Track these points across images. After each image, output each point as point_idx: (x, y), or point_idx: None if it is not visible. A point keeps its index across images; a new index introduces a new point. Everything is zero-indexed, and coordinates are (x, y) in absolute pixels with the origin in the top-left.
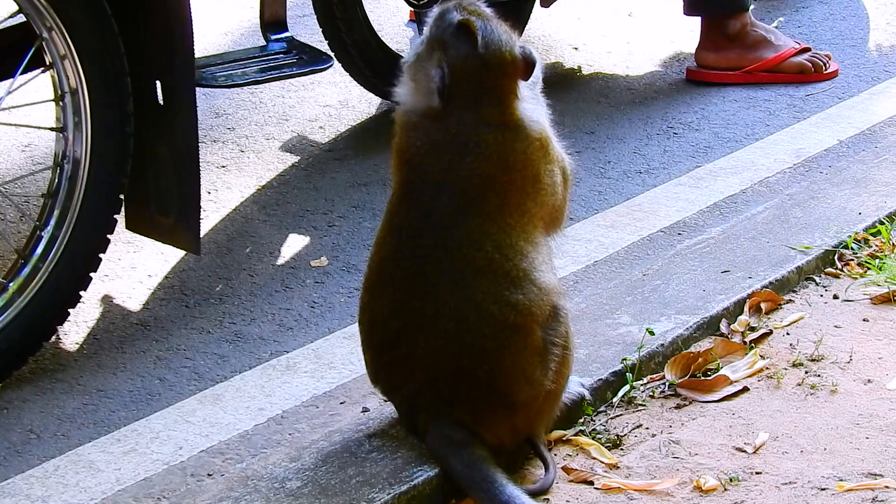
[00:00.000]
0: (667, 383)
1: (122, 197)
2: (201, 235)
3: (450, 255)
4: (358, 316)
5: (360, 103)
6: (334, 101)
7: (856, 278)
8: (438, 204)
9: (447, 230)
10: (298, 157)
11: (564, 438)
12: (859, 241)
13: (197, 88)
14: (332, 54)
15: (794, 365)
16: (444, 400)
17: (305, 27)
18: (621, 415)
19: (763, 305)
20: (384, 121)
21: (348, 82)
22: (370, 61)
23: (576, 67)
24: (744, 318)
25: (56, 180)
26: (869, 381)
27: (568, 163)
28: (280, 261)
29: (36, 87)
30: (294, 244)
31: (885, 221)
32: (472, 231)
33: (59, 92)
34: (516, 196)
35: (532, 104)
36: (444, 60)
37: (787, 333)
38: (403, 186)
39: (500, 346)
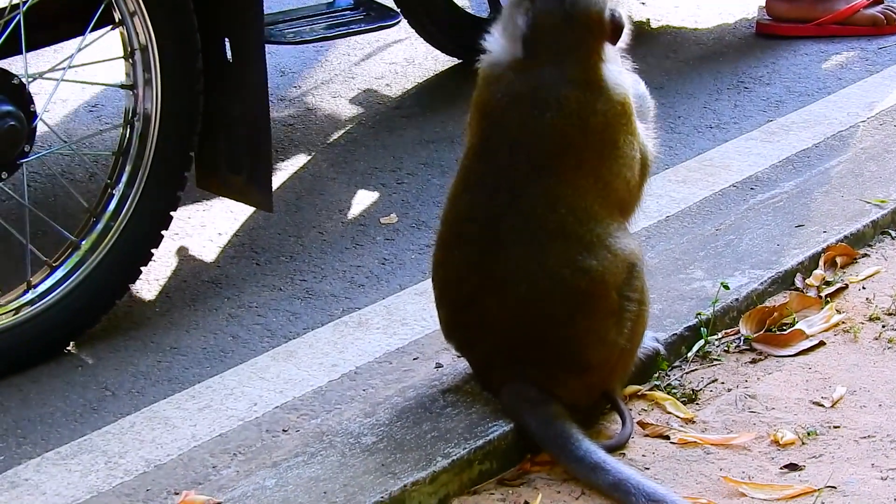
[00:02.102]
0: (742, 338)
1: (192, 154)
2: None
3: (524, 217)
4: (431, 272)
5: (426, 60)
6: (400, 59)
7: None
8: (515, 162)
9: (522, 189)
10: (365, 115)
11: (639, 393)
12: None
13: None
14: (398, 10)
15: (870, 319)
16: (517, 360)
17: None
18: (696, 370)
19: (838, 259)
20: (451, 78)
21: (414, 39)
22: (436, 17)
23: (644, 21)
24: (819, 272)
25: (127, 137)
26: None
27: (650, 149)
28: (350, 218)
29: (100, 46)
30: (363, 201)
31: None
32: (546, 191)
33: (129, 49)
34: (593, 159)
35: (618, 68)
36: (530, 9)
37: (863, 287)
38: (480, 142)
39: (573, 311)
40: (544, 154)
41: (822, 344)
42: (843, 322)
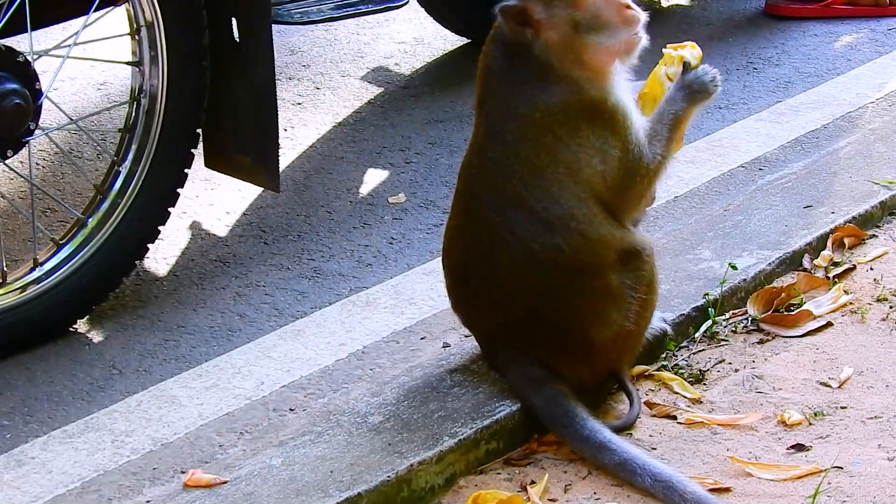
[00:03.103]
0: (749, 318)
1: (199, 131)
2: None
3: (488, 181)
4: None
5: (435, 40)
6: (409, 38)
7: None
8: (479, 123)
9: (486, 152)
10: (374, 94)
11: (647, 373)
12: None
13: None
14: None
15: (878, 300)
16: (520, 338)
17: None
18: (704, 350)
19: (846, 240)
20: (460, 57)
21: (423, 19)
22: None
23: (654, 1)
24: (827, 253)
25: (133, 114)
26: None
27: (647, 156)
28: (358, 197)
29: (106, 23)
30: (371, 181)
31: None
32: (500, 160)
33: (136, 26)
34: (547, 137)
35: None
36: None
37: (871, 268)
38: (475, 106)
39: (561, 287)
40: (496, 119)
41: (829, 325)
42: (851, 303)
